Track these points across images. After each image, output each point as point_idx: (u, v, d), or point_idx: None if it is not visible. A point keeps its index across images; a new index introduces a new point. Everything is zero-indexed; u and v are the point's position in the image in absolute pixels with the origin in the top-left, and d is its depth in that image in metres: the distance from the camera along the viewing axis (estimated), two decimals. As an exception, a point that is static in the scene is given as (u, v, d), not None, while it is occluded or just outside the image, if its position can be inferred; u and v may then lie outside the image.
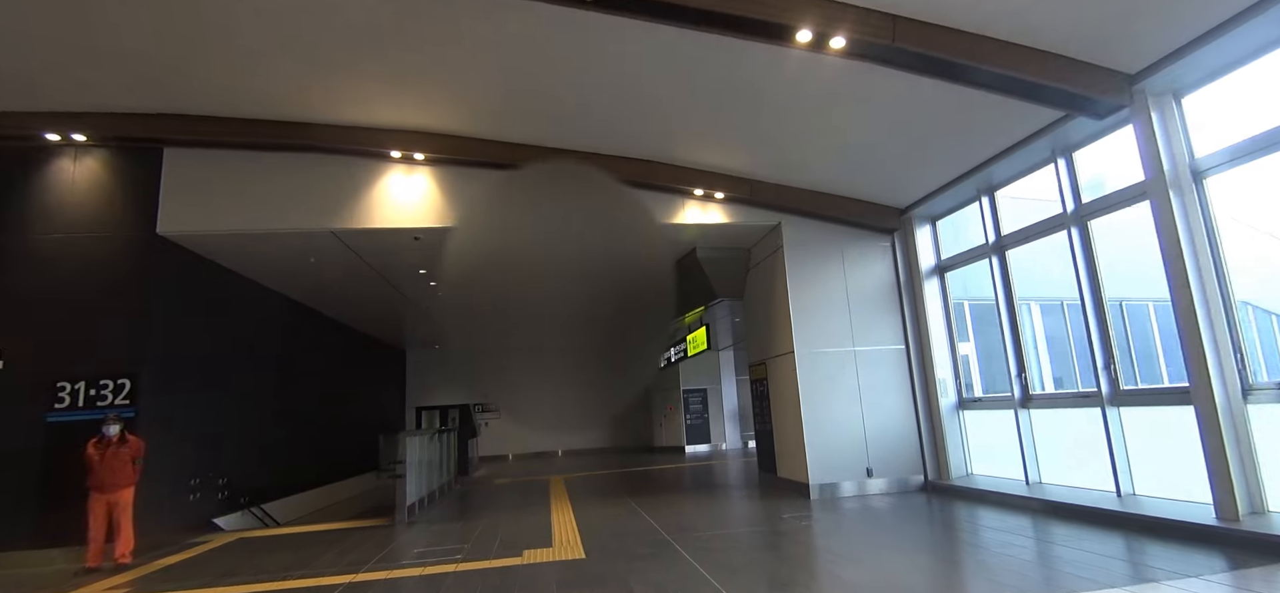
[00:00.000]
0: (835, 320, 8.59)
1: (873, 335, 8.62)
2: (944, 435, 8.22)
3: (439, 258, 9.55)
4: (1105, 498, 6.08)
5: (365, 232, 8.15)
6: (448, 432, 12.55)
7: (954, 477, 8.12)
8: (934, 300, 8.56)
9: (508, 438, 21.06)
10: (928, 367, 8.48)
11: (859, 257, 8.83)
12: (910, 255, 8.74)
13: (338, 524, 8.87)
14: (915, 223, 8.68)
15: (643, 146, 7.90)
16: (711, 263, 9.80)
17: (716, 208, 8.61)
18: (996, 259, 7.55)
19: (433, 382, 20.97)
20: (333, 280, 10.61)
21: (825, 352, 8.48)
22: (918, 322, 8.65)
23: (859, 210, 8.58)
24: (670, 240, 9.36)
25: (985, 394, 8.17)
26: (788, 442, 8.76)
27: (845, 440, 8.27)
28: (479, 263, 9.40)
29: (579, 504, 8.90)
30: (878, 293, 8.77)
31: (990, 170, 7.24)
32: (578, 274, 10.70)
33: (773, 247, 8.98)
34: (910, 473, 8.33)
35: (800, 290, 8.57)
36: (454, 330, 17.51)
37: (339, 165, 8.05)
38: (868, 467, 8.25)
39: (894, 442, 8.37)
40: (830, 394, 8.36)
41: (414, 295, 12.07)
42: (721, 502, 8.44)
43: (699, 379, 18.90)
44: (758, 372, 9.77)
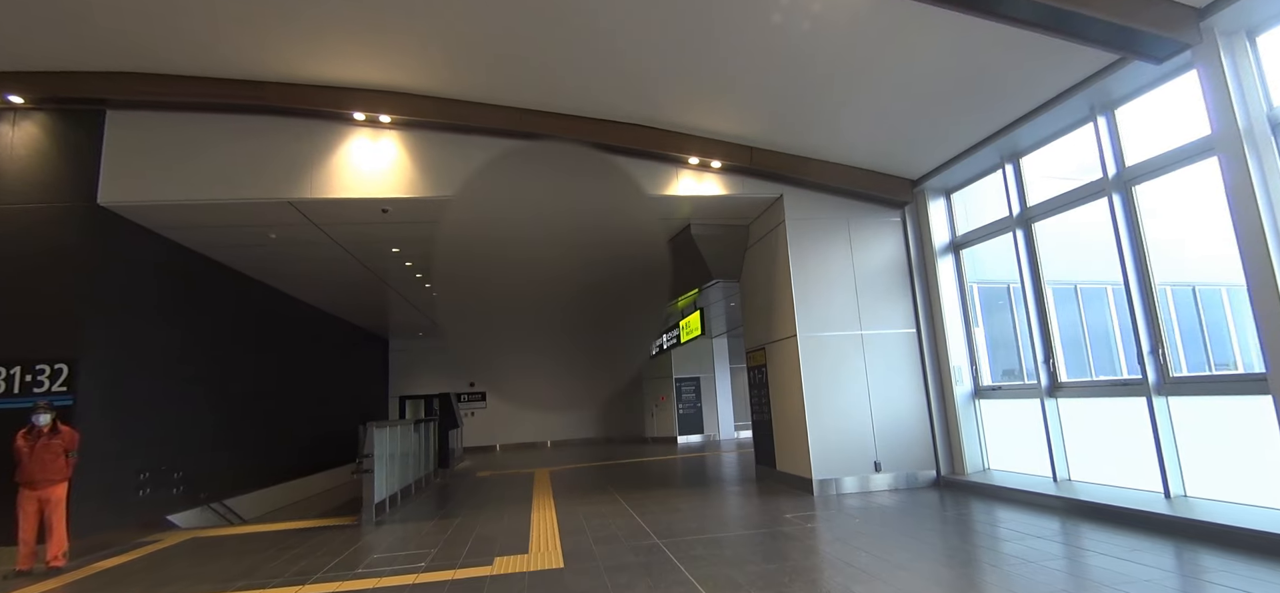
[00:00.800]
0: (841, 302, 7.90)
1: (881, 318, 7.94)
2: (959, 427, 7.56)
3: (412, 233, 8.80)
4: (1151, 500, 5.43)
5: (327, 203, 7.38)
6: (426, 422, 11.82)
7: (969, 472, 7.47)
8: (948, 280, 7.88)
9: (495, 428, 20.38)
10: (941, 352, 7.82)
11: (867, 233, 8.13)
12: (923, 231, 8.05)
13: (301, 523, 8.16)
14: (928, 196, 7.98)
15: (632, 108, 7.15)
16: (707, 240, 9.08)
17: (713, 178, 7.89)
18: (1021, 233, 6.87)
19: (417, 371, 20.23)
20: (300, 260, 9.83)
21: (830, 336, 7.79)
22: (930, 303, 7.98)
23: (867, 181, 7.87)
24: (662, 216, 8.62)
25: (1004, 382, 7.51)
26: (788, 433, 8.09)
27: (851, 432, 7.60)
28: (456, 241, 8.63)
29: (563, 501, 8.21)
30: (887, 272, 8.08)
31: (1016, 134, 6.54)
32: (564, 255, 10.00)
33: (774, 222, 8.27)
34: (921, 468, 7.68)
35: (803, 269, 7.87)
36: (435, 317, 16.77)
37: (297, 129, 7.27)
38: (876, 461, 7.59)
39: (904, 433, 7.71)
40: (835, 382, 7.68)
41: (389, 277, 11.30)
42: (717, 499, 7.77)
43: (692, 367, 18.22)
44: (756, 358, 9.09)
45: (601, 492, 8.86)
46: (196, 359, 9.21)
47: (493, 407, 20.55)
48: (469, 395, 20.53)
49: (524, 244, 9.88)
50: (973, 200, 7.87)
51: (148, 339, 7.98)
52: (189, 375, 8.98)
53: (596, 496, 8.54)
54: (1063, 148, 6.56)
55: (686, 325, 12.04)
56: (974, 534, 5.31)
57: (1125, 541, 4.75)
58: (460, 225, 8.99)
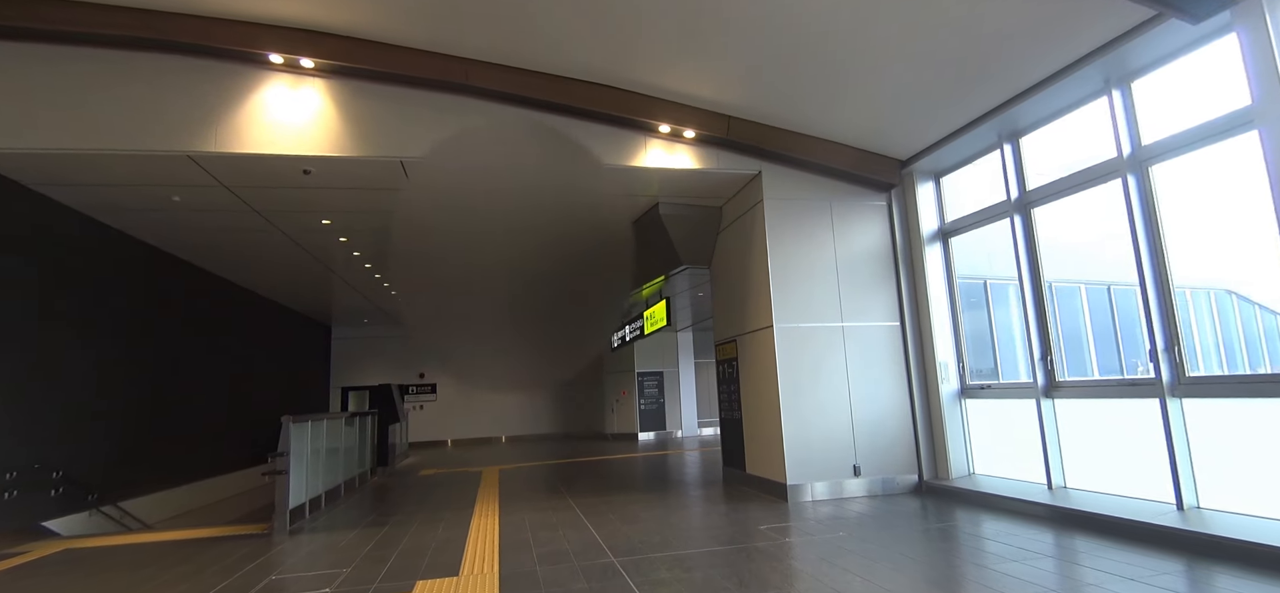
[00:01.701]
0: (822, 291, 7.23)
1: (864, 309, 7.31)
2: (943, 428, 6.99)
3: (344, 203, 7.76)
4: (1161, 511, 4.90)
5: (236, 159, 6.30)
6: (363, 416, 10.75)
7: (954, 477, 6.91)
8: (936, 270, 7.30)
9: (447, 422, 19.27)
10: (926, 347, 7.24)
11: (851, 216, 7.49)
12: (910, 217, 7.45)
13: (203, 531, 7.07)
14: (917, 178, 7.38)
15: (599, 64, 6.30)
16: (676, 222, 8.30)
17: (685, 150, 7.10)
18: (1020, 219, 6.30)
19: (362, 360, 18.95)
20: (216, 231, 8.65)
21: (810, 327, 7.12)
22: (916, 294, 7.39)
23: (853, 160, 7.22)
24: (626, 192, 7.81)
25: (994, 381, 6.97)
26: (760, 433, 7.39)
27: (830, 432, 6.95)
28: (393, 211, 7.77)
29: (510, 506, 7.34)
30: (871, 260, 7.45)
31: (1017, 110, 5.96)
32: (517, 234, 9.14)
33: (750, 201, 7.55)
34: (902, 472, 7.09)
35: (782, 254, 7.17)
36: (380, 300, 15.58)
37: (201, 71, 6.17)
38: (855, 464, 6.96)
39: (885, 434, 7.10)
40: (814, 377, 7.01)
41: (322, 254, 10.17)
42: (682, 506, 7.02)
43: (655, 362, 17.50)
44: (726, 351, 8.37)
45: (554, 496, 8.02)
46: (90, 341, 7.97)
47: (444, 399, 19.43)
48: (418, 387, 19.36)
49: (467, 219, 8.92)
50: (963, 186, 7.31)
51: (22, 314, 6.76)
52: (77, 359, 7.75)
53: (548, 500, 7.69)
54: (1067, 128, 6.01)
55: (651, 316, 11.27)
56: (974, 552, 4.67)
57: (1136, 557, 4.18)
58: (397, 197, 7.91)
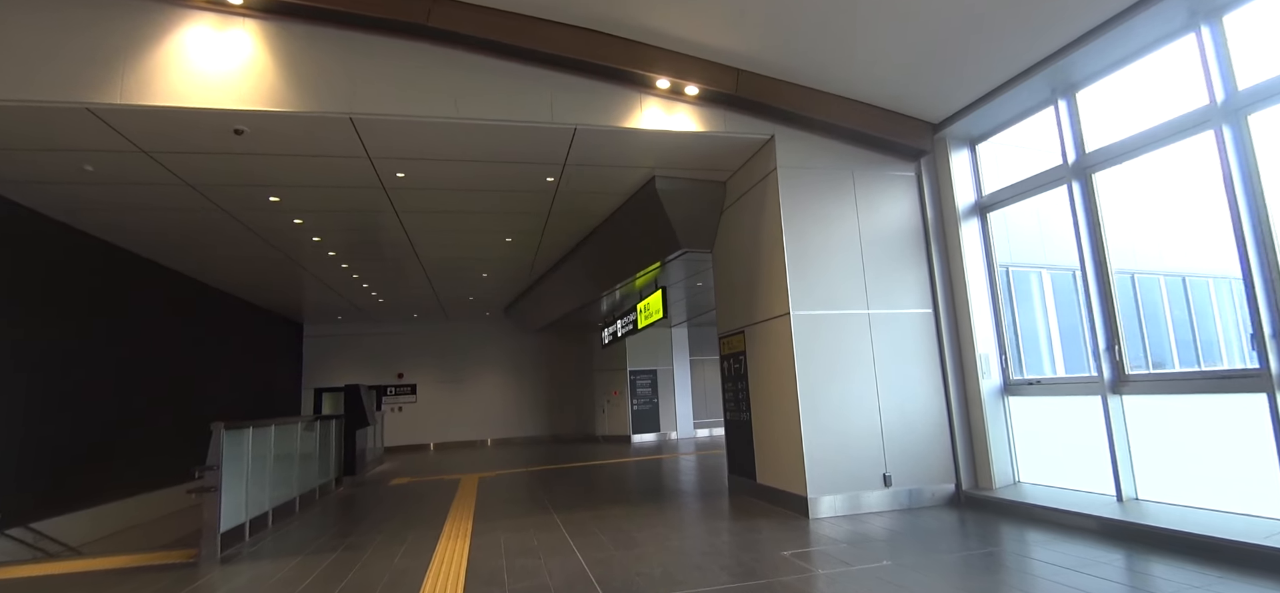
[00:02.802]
0: (844, 273, 6.29)
1: (893, 295, 6.38)
2: (985, 430, 6.08)
3: (289, 173, 6.70)
4: (1272, 530, 4.00)
5: (148, 114, 5.24)
6: (325, 421, 9.69)
7: (997, 486, 6.00)
8: (973, 249, 6.38)
9: (428, 425, 18.18)
10: (964, 338, 6.32)
11: (876, 188, 6.55)
12: (943, 189, 6.53)
13: (118, 560, 6.01)
14: (950, 145, 6.46)
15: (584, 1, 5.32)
16: (674, 198, 7.33)
17: (686, 110, 6.13)
18: (1078, 186, 5.39)
19: (336, 360, 17.81)
20: (149, 209, 7.56)
21: (831, 314, 6.17)
22: (951, 278, 6.47)
23: (879, 122, 6.28)
24: (616, 163, 6.83)
25: (1046, 377, 6.07)
26: (774, 437, 6.45)
27: (855, 436, 6.01)
28: (353, 184, 6.52)
29: (486, 524, 6.34)
30: (899, 239, 6.52)
31: (1074, 58, 5.05)
32: (496, 216, 7.53)
33: (761, 171, 6.59)
34: (937, 480, 6.17)
35: (799, 230, 6.23)
36: (353, 295, 14.47)
37: (102, 7, 5.11)
38: (885, 473, 6.03)
39: (918, 438, 6.17)
40: (837, 372, 6.07)
41: (277, 239, 9.09)
42: (685, 523, 6.06)
43: (648, 359, 16.54)
44: (731, 344, 7.42)
45: (537, 509, 7.02)
46: None
47: (425, 400, 18.33)
48: (397, 387, 18.26)
49: (438, 194, 7.85)
50: (1002, 154, 6.40)
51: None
52: (-25, 357, 6.65)
53: (530, 515, 6.69)
54: (1136, 78, 5.11)
55: (645, 308, 10.30)
56: (1061, 585, 3.74)
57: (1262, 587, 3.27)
58: (356, 169, 6.95)
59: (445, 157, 6.39)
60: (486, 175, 6.98)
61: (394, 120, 5.51)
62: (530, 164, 6.71)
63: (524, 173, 6.96)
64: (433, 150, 6.24)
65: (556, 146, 6.27)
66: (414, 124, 5.61)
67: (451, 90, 5.54)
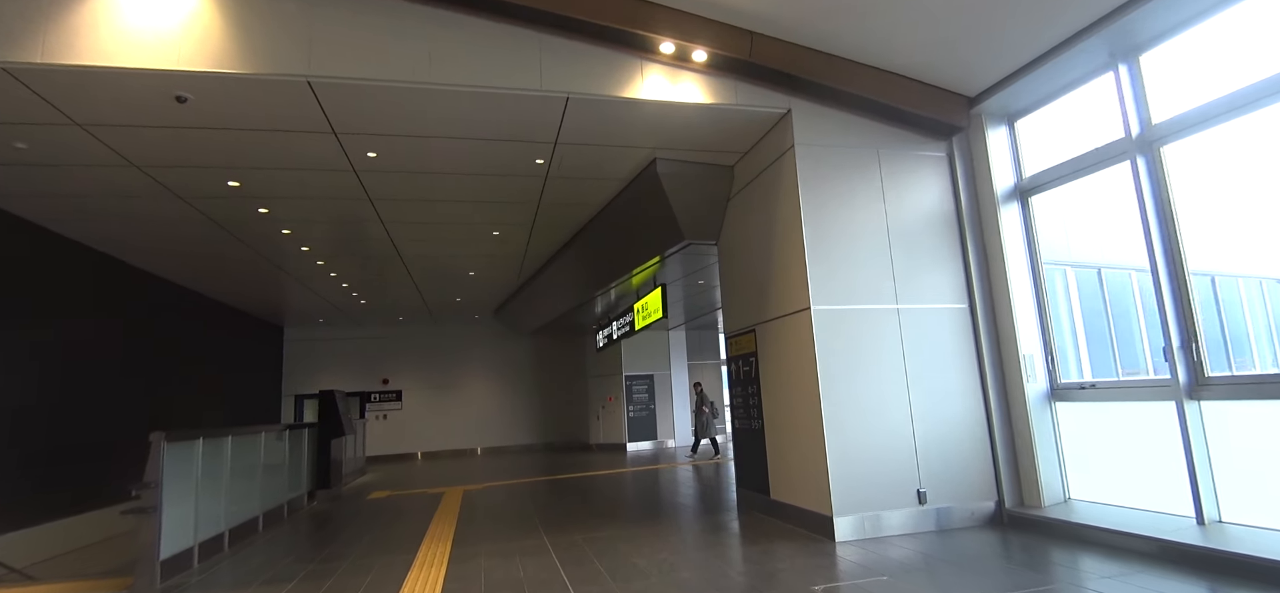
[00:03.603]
0: (870, 264, 5.61)
1: (924, 288, 5.71)
2: (1031, 439, 5.40)
3: (247, 150, 5.97)
4: None
5: (75, 76, 4.51)
6: (298, 429, 8.93)
7: (1046, 503, 5.31)
8: (1014, 237, 5.71)
9: (415, 433, 17.37)
10: (1004, 336, 5.65)
11: (904, 169, 5.88)
12: (978, 170, 5.87)
13: (44, 589, 5.25)
14: (986, 122, 5.80)
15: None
16: (677, 183, 6.64)
17: (693, 78, 5.45)
18: (1144, 161, 4.73)
19: (319, 365, 16.99)
20: (96, 196, 6.81)
21: (856, 310, 5.49)
22: (988, 269, 5.80)
23: (909, 94, 5.61)
24: (613, 141, 6.14)
25: (1103, 380, 5.40)
26: (791, 448, 5.75)
27: (886, 447, 5.31)
28: (320, 166, 5.73)
29: (466, 545, 5.61)
30: (931, 225, 5.85)
31: (1139, 15, 4.40)
32: (482, 206, 6.62)
33: (776, 151, 5.91)
34: (977, 497, 5.47)
35: (820, 215, 5.54)
36: (333, 295, 13.69)
37: (23, -47, 4.40)
38: (920, 489, 5.33)
39: (954, 449, 5.48)
40: (865, 374, 5.38)
41: (243, 230, 8.34)
42: (693, 547, 5.34)
43: (645, 363, 15.82)
44: (740, 344, 6.72)
45: (525, 530, 6.29)
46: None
47: (412, 407, 17.53)
48: (381, 394, 17.46)
49: (420, 180, 7.11)
50: (1044, 131, 5.75)
51: None
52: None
53: (517, 537, 5.96)
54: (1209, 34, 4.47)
55: (643, 308, 9.60)
56: (1155, 636, 3.05)
57: None
58: (325, 149, 6.18)
59: (421, 132, 5.68)
60: (468, 156, 6.27)
61: (359, 84, 4.80)
62: (517, 142, 6.01)
63: (511, 153, 6.25)
64: (406, 124, 5.53)
65: (546, 120, 5.57)
66: (383, 90, 4.90)
67: (425, 49, 4.83)
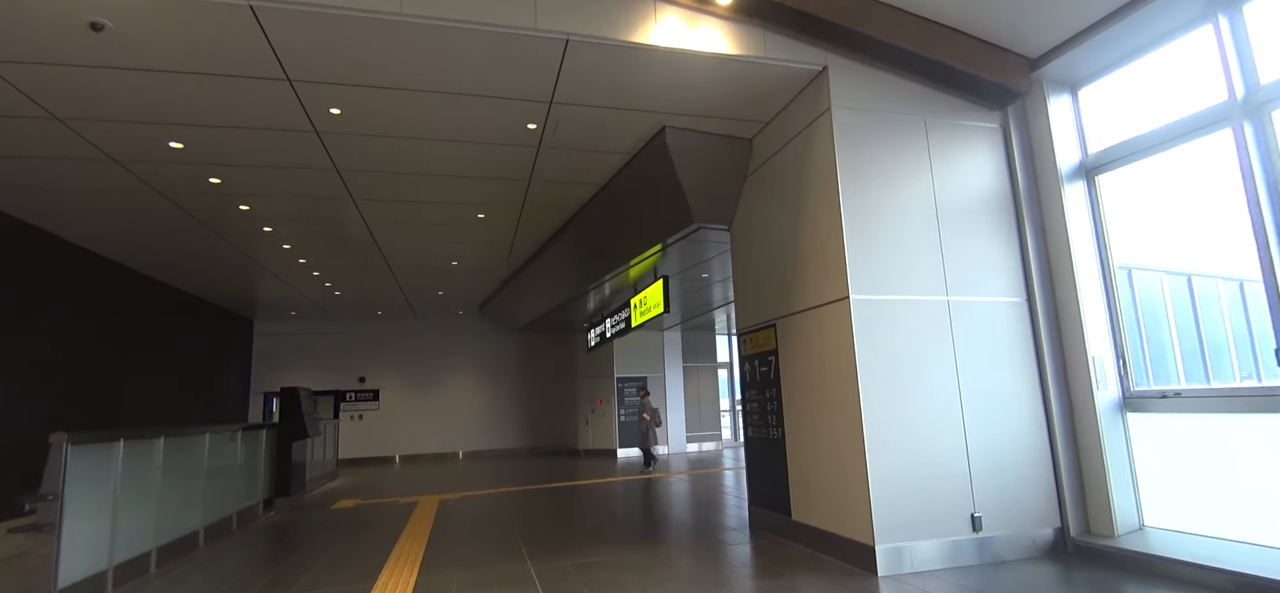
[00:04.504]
0: (918, 248, 4.82)
1: (976, 278, 4.93)
2: (1101, 457, 4.63)
3: (192, 106, 5.07)
4: None
5: (-47, -10, 3.62)
6: (255, 430, 7.99)
7: (1119, 532, 4.54)
8: (1080, 222, 4.95)
9: (394, 436, 16.36)
10: (1067, 335, 4.88)
11: (953, 142, 5.11)
12: (1038, 144, 5.11)
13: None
14: (1047, 89, 5.05)
15: None
16: (688, 156, 5.83)
17: (713, 23, 4.63)
18: (1251, 129, 3.98)
19: (291, 361, 15.96)
20: (13, 157, 5.87)
21: (902, 301, 4.69)
22: (1048, 258, 5.04)
23: (961, 52, 4.83)
24: (618, 102, 5.31)
25: (1189, 388, 4.64)
26: (820, 462, 4.93)
27: (936, 463, 4.52)
28: (277, 125, 4.74)
29: (435, 571, 4.73)
30: (983, 206, 5.08)
31: (1257, -50, 3.66)
32: (464, 182, 5.58)
33: (807, 116, 5.11)
34: (1036, 523, 4.69)
35: (860, 189, 4.75)
36: (306, 286, 12.69)
37: None
38: (974, 513, 4.54)
39: (1012, 465, 4.70)
40: (912, 377, 4.58)
41: (191, 203, 7.40)
42: (704, 583, 4.51)
43: (638, 365, 14.99)
44: (758, 341, 5.91)
45: (505, 551, 5.42)
46: None
47: (390, 408, 16.53)
48: (357, 393, 16.46)
49: (401, 156, 6.17)
50: (1111, 101, 5.00)
51: None
52: None
53: (495, 561, 5.09)
54: None
55: (641, 302, 8.78)
56: None
57: None
58: (280, 102, 5.22)
59: (393, 83, 4.81)
60: (449, 117, 5.41)
61: (313, 11, 3.93)
62: (507, 100, 5.15)
63: (499, 116, 5.40)
64: (375, 73, 4.66)
65: (542, 70, 4.73)
66: (344, 22, 4.04)
67: (393, -31, 3.98)
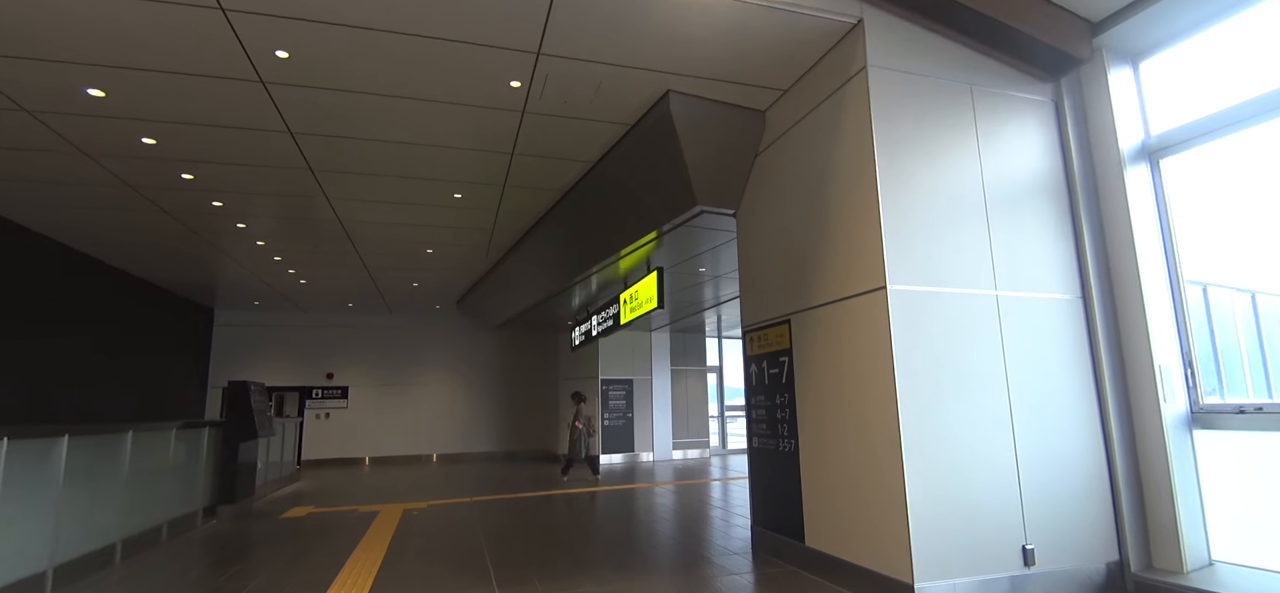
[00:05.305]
0: (964, 234, 4.17)
1: (1026, 271, 4.29)
2: (1170, 479, 4.00)
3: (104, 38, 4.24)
4: None
5: None
6: (194, 428, 7.12)
7: (1189, 567, 3.92)
8: (1144, 211, 4.34)
9: (364, 435, 15.41)
10: (1127, 340, 4.26)
11: (1001, 115, 4.47)
12: (1095, 121, 4.49)
13: None
14: (1108, 59, 4.43)
15: None
16: (694, 127, 5.12)
17: (735, -38, 3.94)
18: (1369, 97, 3.39)
19: (254, 355, 14.95)
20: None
21: (946, 295, 4.03)
22: (1105, 251, 4.42)
23: (1015, 7, 4.20)
24: (616, 57, 4.59)
25: (1268, 404, 4.04)
26: (844, 481, 4.24)
27: (983, 485, 3.85)
28: (214, 72, 4.16)
29: (387, 608, 3.95)
30: (1033, 190, 4.44)
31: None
32: (439, 154, 4.92)
33: (837, 78, 4.43)
34: (1093, 556, 4.05)
35: (899, 161, 4.07)
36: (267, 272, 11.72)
37: None
38: (1025, 544, 3.88)
39: (1066, 489, 4.05)
40: (957, 383, 3.91)
41: (121, 166, 6.52)
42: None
43: (623, 367, 14.25)
44: (768, 339, 5.21)
45: (473, 575, 4.64)
46: None
47: (359, 406, 15.58)
48: (325, 390, 15.49)
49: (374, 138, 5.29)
50: (1173, 75, 4.41)
51: None
52: None
53: (459, 585, 4.32)
54: None
55: (633, 297, 8.05)
56: None
57: None
58: (215, 38, 4.42)
59: (347, 18, 4.04)
60: (418, 68, 4.64)
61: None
62: (486, 47, 4.41)
63: (477, 68, 4.65)
64: (327, 3, 3.89)
65: (527, 9, 3.99)
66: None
67: None
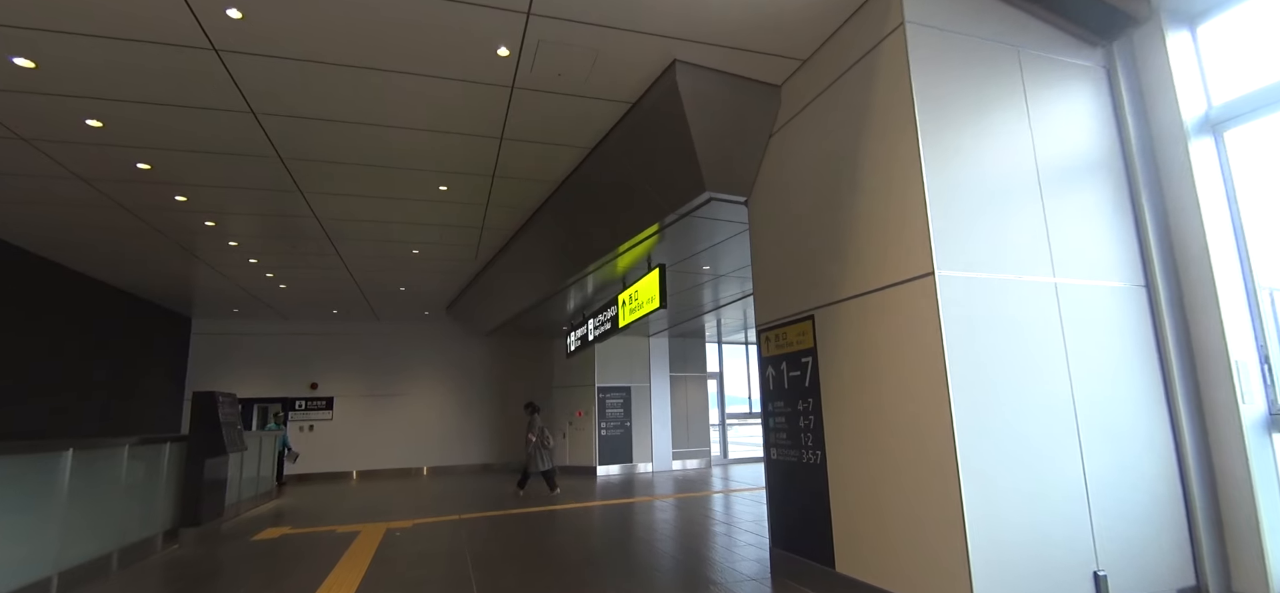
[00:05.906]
0: (1017, 214, 3.68)
1: (1085, 257, 3.82)
2: (1253, 491, 3.53)
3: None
4: None
5: None
6: (154, 443, 6.51)
7: (1276, 592, 3.44)
8: (1211, 189, 3.88)
9: (351, 448, 14.77)
10: (1198, 334, 3.79)
11: (1053, 82, 4.01)
12: (1154, 89, 4.04)
13: None
14: (1166, 22, 3.99)
15: None
16: (702, 102, 4.63)
17: (757, -95, 3.46)
18: None
19: (234, 366, 14.30)
20: None
21: (1001, 281, 3.54)
22: (1169, 234, 3.95)
23: (1070, -34, 3.75)
24: (616, 20, 4.09)
25: (1366, 399, 3.57)
26: (884, 500, 3.73)
27: (1049, 503, 3.35)
28: (161, 38, 3.64)
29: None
30: (1087, 165, 3.98)
31: None
32: (420, 140, 4.38)
33: (871, 38, 3.94)
34: (1165, 579, 3.56)
35: (943, 131, 3.58)
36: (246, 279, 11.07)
37: None
38: (1096, 569, 3.38)
39: (1136, 503, 3.57)
40: (1016, 385, 3.42)
41: (65, 153, 5.95)
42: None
43: (621, 374, 13.72)
44: (788, 339, 4.71)
45: (463, 610, 4.10)
46: None
47: (346, 418, 14.93)
48: (309, 401, 14.84)
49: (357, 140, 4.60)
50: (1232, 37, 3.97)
51: None
52: None
53: (448, 627, 3.78)
54: None
55: (633, 297, 7.54)
56: None
57: None
58: None
59: (314, -25, 3.52)
60: (391, 29, 4.12)
61: None
62: (467, 3, 3.89)
63: (458, 28, 4.13)
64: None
65: (518, -36, 3.49)
66: None
67: None
